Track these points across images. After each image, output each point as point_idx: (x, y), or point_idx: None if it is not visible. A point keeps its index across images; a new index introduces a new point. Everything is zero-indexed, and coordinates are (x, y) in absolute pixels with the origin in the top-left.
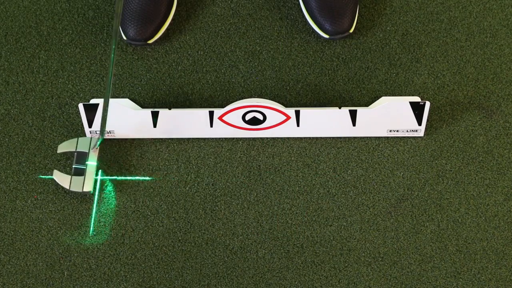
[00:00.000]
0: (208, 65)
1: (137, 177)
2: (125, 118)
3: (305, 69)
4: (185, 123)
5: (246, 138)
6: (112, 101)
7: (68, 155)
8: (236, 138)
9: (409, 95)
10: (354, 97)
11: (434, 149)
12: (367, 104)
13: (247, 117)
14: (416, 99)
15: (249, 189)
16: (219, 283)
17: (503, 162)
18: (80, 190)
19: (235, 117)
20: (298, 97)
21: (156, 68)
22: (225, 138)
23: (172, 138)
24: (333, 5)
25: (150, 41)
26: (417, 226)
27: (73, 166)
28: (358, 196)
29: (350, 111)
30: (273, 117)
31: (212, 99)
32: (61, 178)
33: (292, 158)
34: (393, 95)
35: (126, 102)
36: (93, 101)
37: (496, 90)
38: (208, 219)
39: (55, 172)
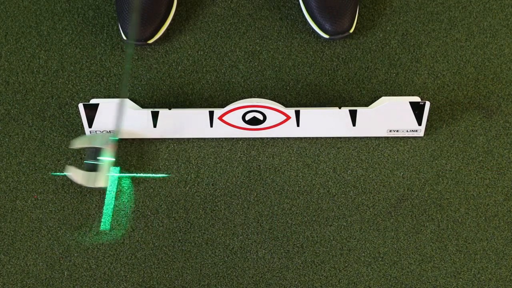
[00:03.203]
0: (208, 65)
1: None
2: (125, 118)
3: (305, 69)
4: (185, 123)
5: (246, 138)
6: (112, 101)
7: (75, 152)
8: (236, 138)
9: (409, 95)
10: (354, 97)
11: (434, 149)
12: (367, 104)
13: (247, 117)
14: (416, 99)
15: (249, 189)
16: (219, 283)
17: (503, 162)
18: (95, 186)
19: (235, 117)
20: (298, 97)
21: (156, 68)
22: (225, 138)
23: (172, 138)
24: (333, 5)
25: (150, 41)
26: (417, 226)
27: (88, 161)
28: (358, 196)
29: (350, 111)
30: (273, 117)
31: (212, 99)
32: (76, 174)
33: (292, 158)
34: (393, 95)
35: (126, 102)
36: (93, 101)
37: (496, 90)
38: (208, 219)
39: (69, 167)
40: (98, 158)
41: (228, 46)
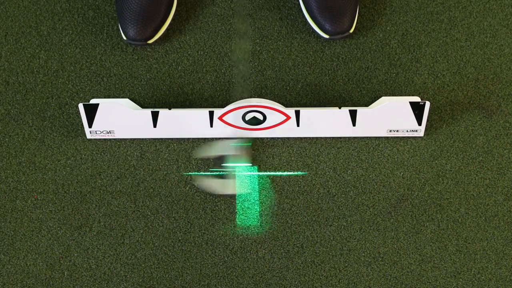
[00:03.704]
0: (208, 65)
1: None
2: (125, 118)
3: (305, 69)
4: (185, 123)
5: (246, 138)
6: (112, 101)
7: (201, 161)
8: (236, 138)
9: (409, 95)
10: (354, 97)
11: (434, 149)
12: (367, 104)
13: (247, 117)
14: (416, 99)
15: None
16: (219, 283)
17: (503, 162)
18: (226, 192)
19: (235, 117)
20: (298, 97)
21: (156, 68)
22: (225, 138)
23: (172, 138)
24: (333, 5)
25: (150, 41)
26: (417, 226)
27: (215, 169)
28: (358, 196)
29: (350, 111)
30: (273, 117)
31: (212, 99)
32: (206, 182)
33: (292, 158)
34: (393, 95)
35: (126, 102)
36: (93, 101)
37: (496, 90)
38: (208, 219)
39: (199, 177)
40: (223, 165)
41: (228, 46)
